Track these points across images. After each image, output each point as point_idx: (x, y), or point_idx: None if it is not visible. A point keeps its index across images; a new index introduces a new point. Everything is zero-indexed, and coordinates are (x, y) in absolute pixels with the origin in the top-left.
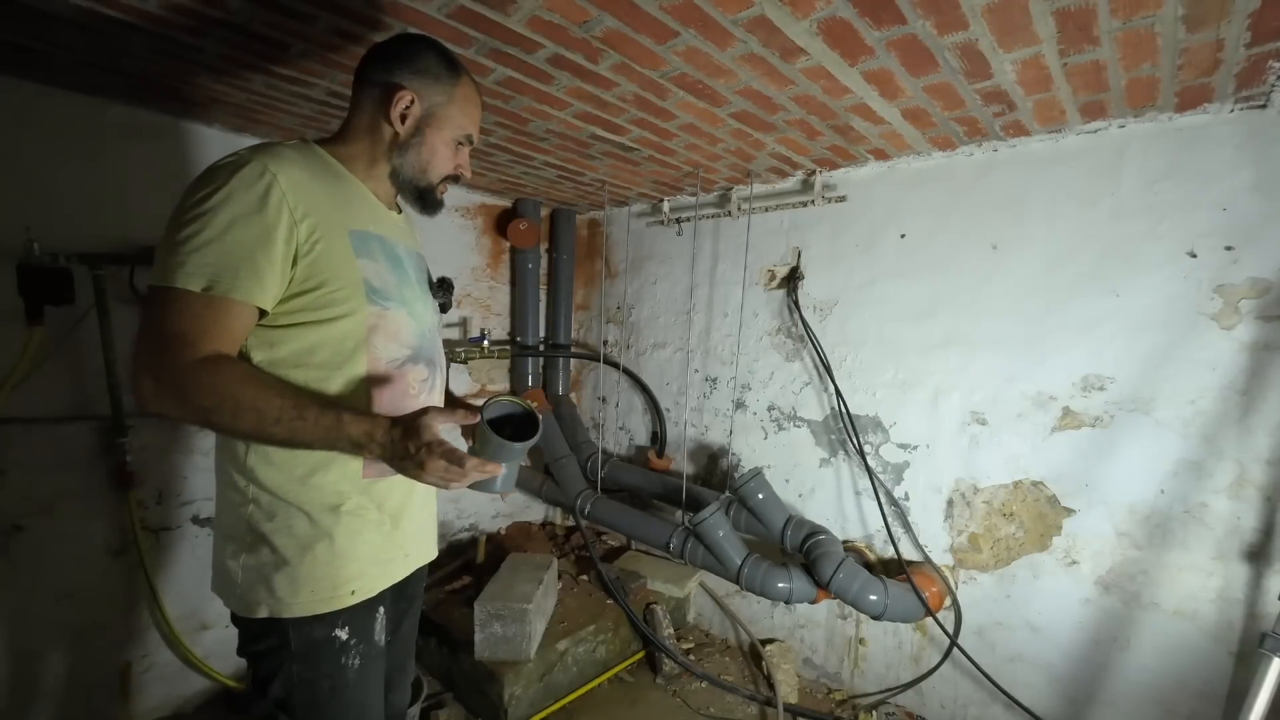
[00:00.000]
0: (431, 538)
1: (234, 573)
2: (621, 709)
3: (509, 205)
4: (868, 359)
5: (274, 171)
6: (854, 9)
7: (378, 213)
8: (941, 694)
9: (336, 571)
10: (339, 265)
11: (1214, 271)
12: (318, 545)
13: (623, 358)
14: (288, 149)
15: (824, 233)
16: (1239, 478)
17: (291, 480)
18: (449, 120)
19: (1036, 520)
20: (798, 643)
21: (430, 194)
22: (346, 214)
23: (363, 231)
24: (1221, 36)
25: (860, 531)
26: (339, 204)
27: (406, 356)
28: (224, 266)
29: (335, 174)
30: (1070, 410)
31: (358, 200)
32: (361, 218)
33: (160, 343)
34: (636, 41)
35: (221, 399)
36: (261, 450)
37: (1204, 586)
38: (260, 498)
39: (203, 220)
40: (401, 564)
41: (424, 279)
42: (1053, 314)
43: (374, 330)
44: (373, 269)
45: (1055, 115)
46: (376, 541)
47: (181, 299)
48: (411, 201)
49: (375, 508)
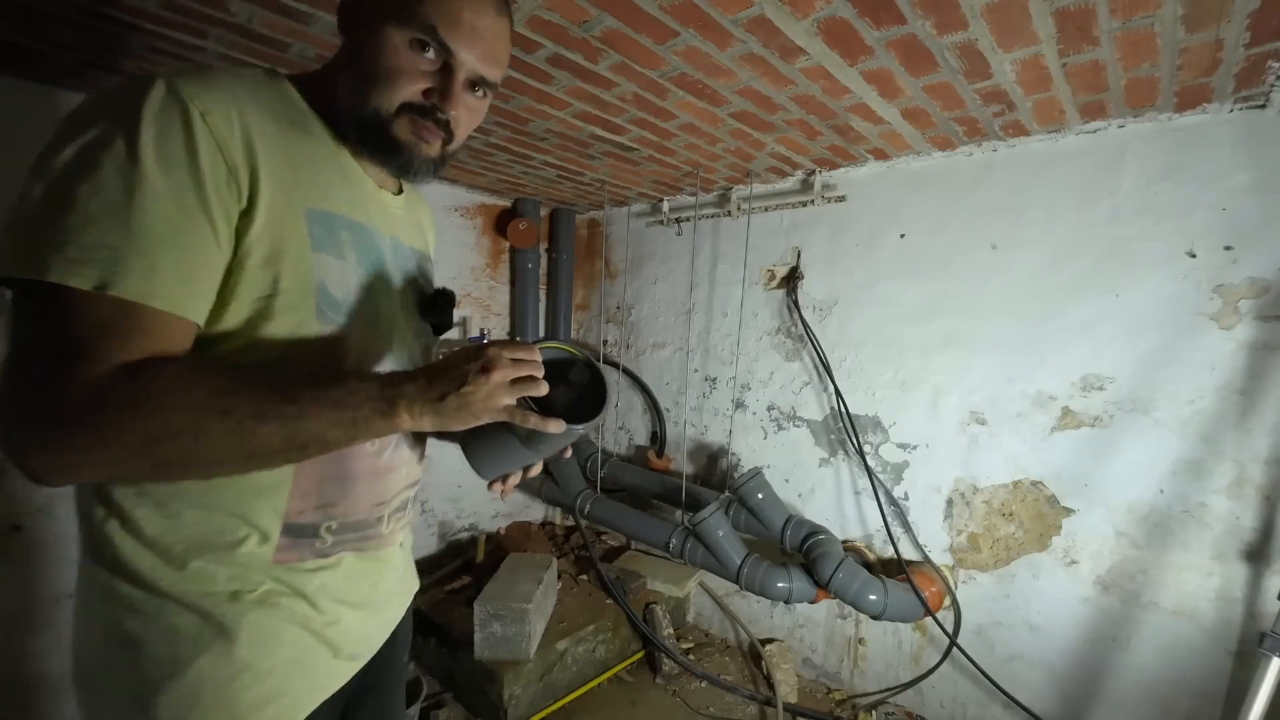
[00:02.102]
0: (405, 599)
1: (95, 690)
2: (621, 709)
3: (508, 205)
4: (867, 359)
5: (200, 108)
6: (854, 9)
7: (357, 188)
8: (941, 693)
9: (237, 695)
10: (285, 260)
11: (1213, 271)
12: (206, 655)
13: (622, 357)
14: (228, 77)
15: (824, 233)
16: (1238, 477)
17: (167, 560)
18: (401, 4)
19: (1036, 520)
20: (797, 642)
21: (378, 128)
22: (306, 184)
23: (327, 213)
24: (1221, 36)
25: (860, 531)
26: (297, 167)
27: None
28: (129, 254)
29: (301, 125)
30: (1070, 410)
31: (327, 166)
32: (331, 193)
33: (38, 370)
34: (636, 41)
35: (171, 415)
36: (130, 515)
37: (1203, 586)
38: (120, 589)
39: (86, 179)
40: (347, 666)
41: (415, 289)
42: (1052, 314)
43: (322, 362)
44: (335, 270)
45: (1055, 115)
46: (304, 645)
47: (64, 301)
48: (363, 149)
49: (301, 597)
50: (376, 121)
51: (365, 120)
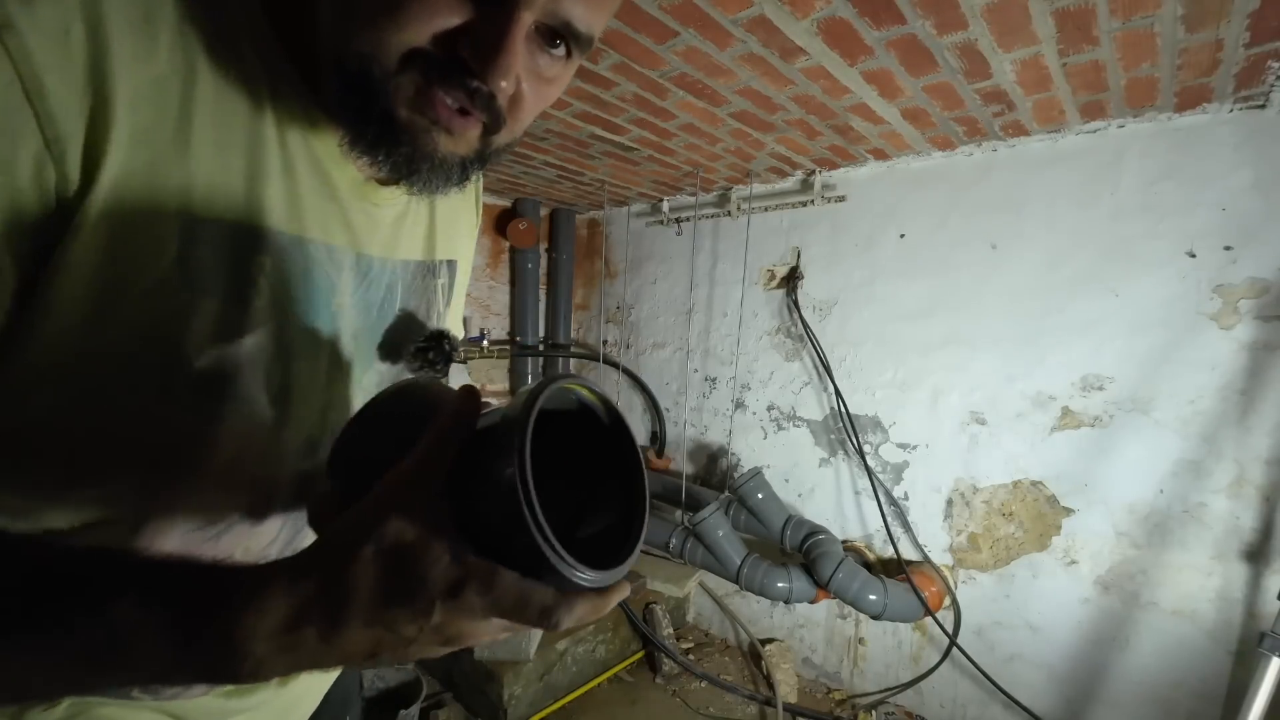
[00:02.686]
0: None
1: None
2: (621, 709)
3: (508, 205)
4: (867, 359)
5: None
6: (854, 9)
7: (315, 177)
8: (941, 693)
9: None
10: (122, 301)
11: (1213, 271)
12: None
13: (622, 357)
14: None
15: (823, 232)
16: (1238, 477)
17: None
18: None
19: (1036, 520)
20: (797, 642)
21: (363, 91)
22: (207, 170)
23: (238, 225)
24: (1221, 36)
25: (860, 531)
26: (199, 136)
27: (239, 514)
28: None
29: (230, 58)
30: (1069, 410)
31: (265, 134)
32: (257, 187)
33: None
34: (636, 41)
35: None
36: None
37: (1203, 586)
38: None
39: None
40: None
41: (397, 333)
42: (1052, 314)
43: (169, 452)
44: (212, 320)
45: (1054, 115)
46: None
47: None
48: (340, 124)
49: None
50: (361, 80)
51: (346, 74)
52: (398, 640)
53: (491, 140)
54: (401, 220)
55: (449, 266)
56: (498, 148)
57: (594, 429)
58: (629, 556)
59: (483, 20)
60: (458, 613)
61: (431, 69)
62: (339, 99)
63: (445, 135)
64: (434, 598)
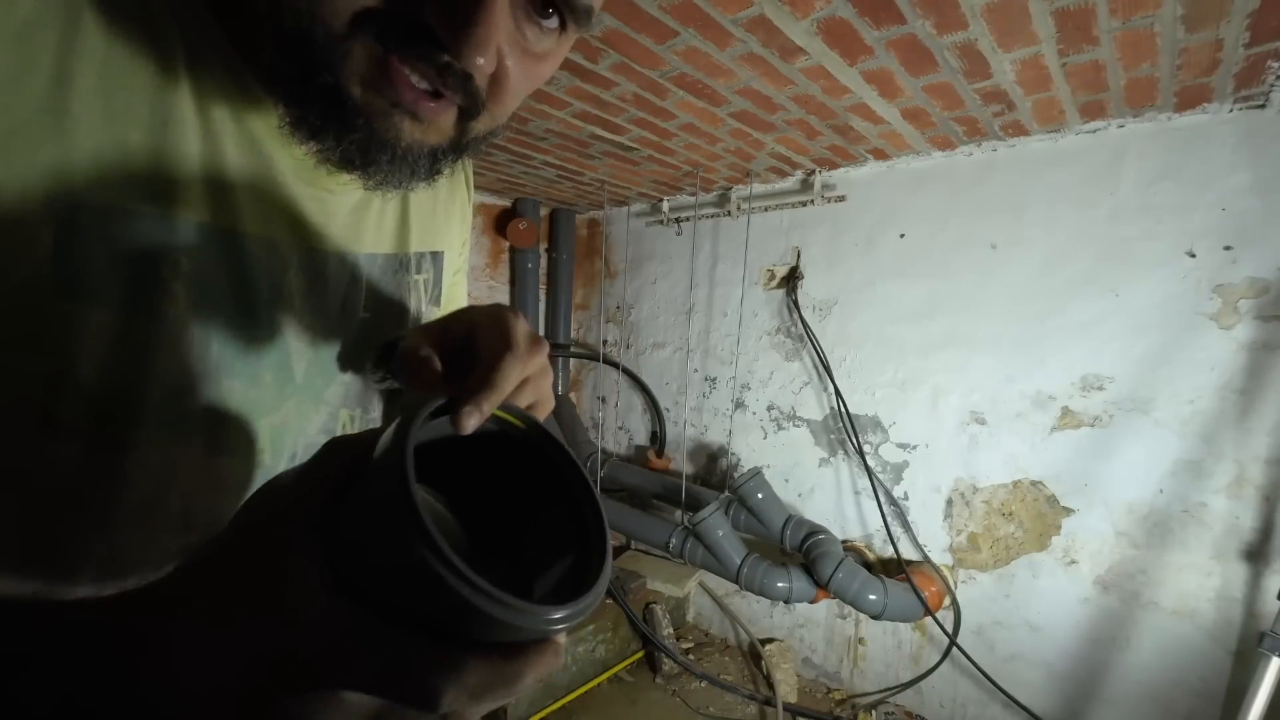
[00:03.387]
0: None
1: None
2: (621, 708)
3: (508, 205)
4: (867, 359)
5: None
6: (853, 9)
7: (245, 153)
8: (941, 693)
9: None
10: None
11: (1213, 271)
12: None
13: (622, 357)
14: None
15: (823, 233)
16: (1237, 477)
17: None
18: None
19: (1035, 520)
20: (797, 642)
21: (307, 64)
22: (88, 139)
23: (128, 213)
24: (1220, 36)
25: (860, 531)
26: (79, 96)
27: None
28: None
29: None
30: (1069, 410)
31: (172, 101)
32: (168, 163)
33: None
34: (636, 41)
35: None
36: None
37: (1202, 586)
38: None
39: None
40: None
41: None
42: (1052, 314)
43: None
44: (107, 332)
45: (1054, 115)
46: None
47: None
48: (282, 99)
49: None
50: (301, 44)
51: (281, 32)
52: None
53: (469, 127)
54: (365, 208)
55: (433, 259)
56: (476, 135)
57: (519, 459)
58: (599, 578)
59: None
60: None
61: (389, 35)
62: (274, 69)
63: (410, 120)
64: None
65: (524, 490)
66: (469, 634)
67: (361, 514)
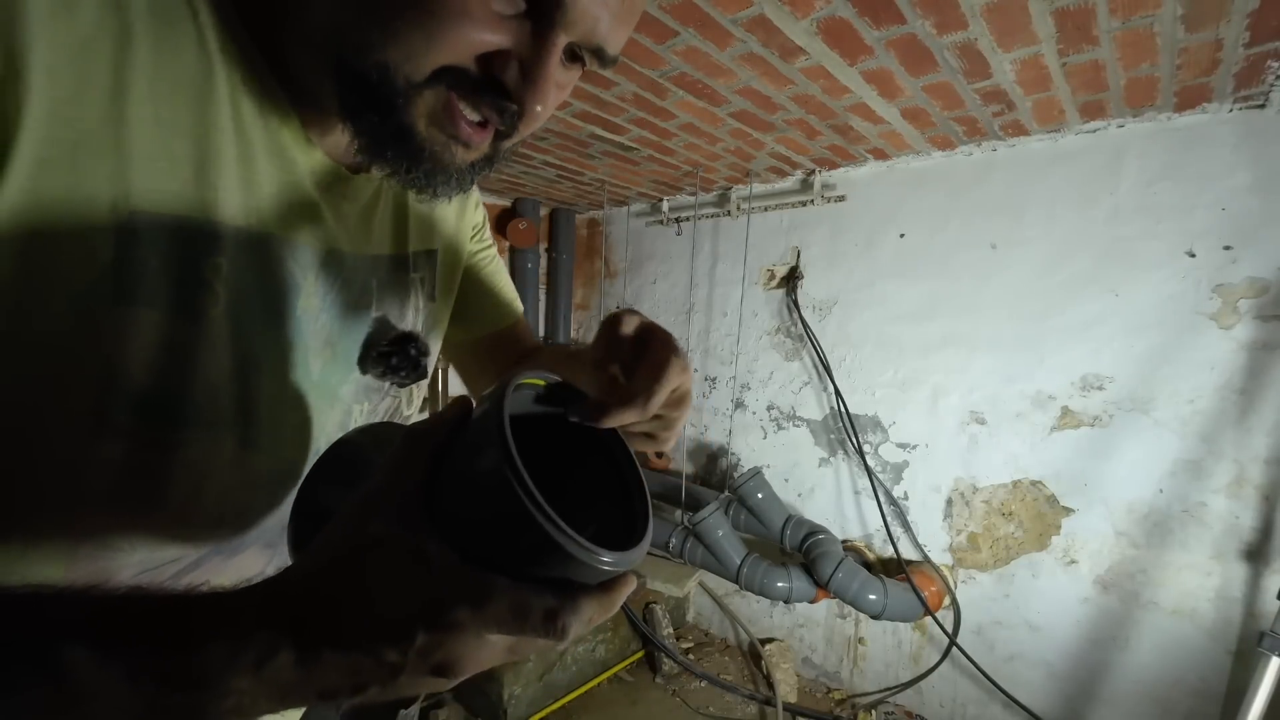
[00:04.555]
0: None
1: None
2: (621, 708)
3: (508, 205)
4: (867, 359)
5: None
6: (853, 9)
7: (272, 159)
8: (940, 693)
9: None
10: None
11: (1212, 271)
12: None
13: None
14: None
15: (823, 232)
16: (1237, 477)
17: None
18: None
19: (1035, 519)
20: (797, 642)
21: (381, 101)
22: (148, 148)
23: (187, 220)
24: (1220, 36)
25: (859, 531)
26: (137, 109)
27: (204, 550)
28: None
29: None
30: (1069, 410)
31: (216, 110)
32: (210, 170)
33: None
34: (636, 41)
35: None
36: None
37: (1202, 585)
38: None
39: None
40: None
41: (365, 334)
42: (1052, 314)
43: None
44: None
45: (1054, 115)
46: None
47: None
48: (355, 132)
49: None
50: (381, 90)
51: (361, 81)
52: (380, 669)
53: (501, 145)
54: (370, 211)
55: (427, 258)
56: (502, 151)
57: (566, 425)
58: (644, 537)
59: (526, 45)
60: (445, 633)
61: (462, 86)
62: (347, 106)
63: (464, 148)
64: (419, 614)
65: (564, 444)
66: (562, 575)
67: (466, 490)
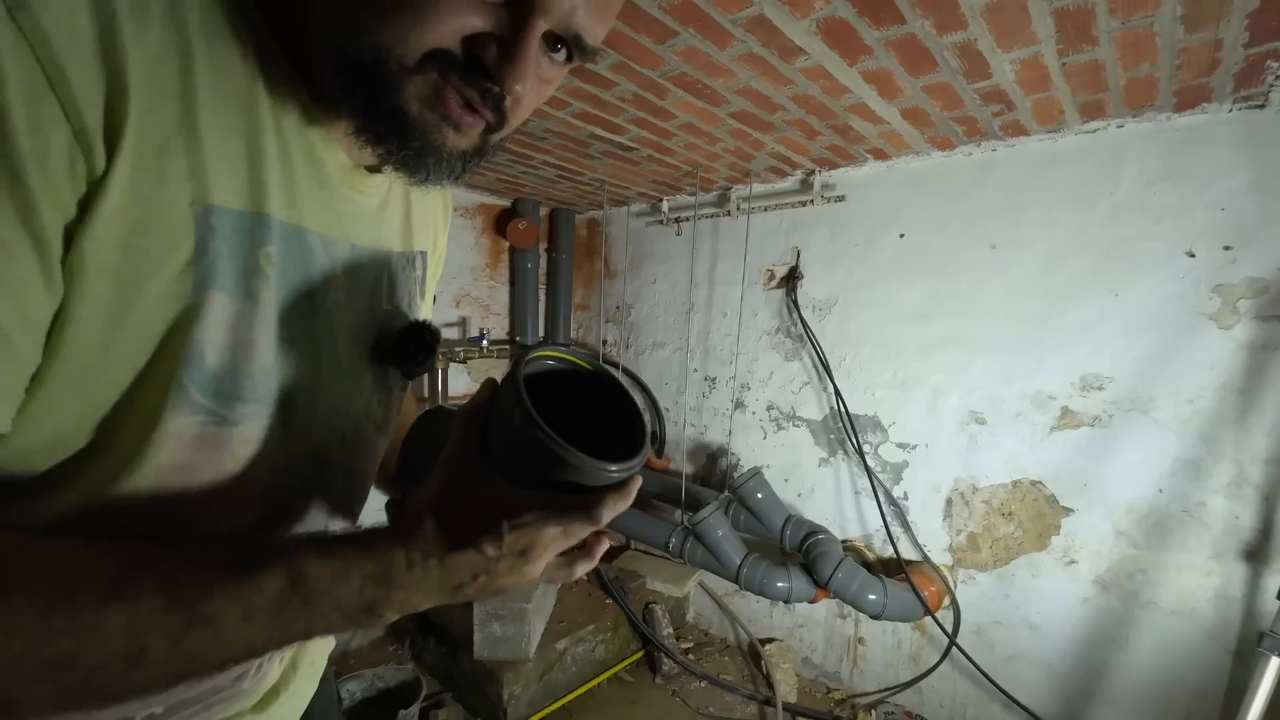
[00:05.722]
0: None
1: None
2: (621, 708)
3: (508, 205)
4: (867, 359)
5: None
6: (853, 9)
7: (304, 162)
8: (940, 693)
9: None
10: (137, 301)
11: (1212, 271)
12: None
13: (622, 357)
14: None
15: (823, 233)
16: (1237, 477)
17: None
18: None
19: (1035, 519)
20: (797, 642)
21: (375, 84)
22: (214, 154)
23: (244, 213)
24: (1220, 36)
25: (859, 531)
26: (202, 120)
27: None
28: None
29: (223, 37)
30: (1069, 410)
31: (259, 118)
32: (259, 172)
33: None
34: (636, 41)
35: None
36: None
37: (1202, 585)
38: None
39: None
40: None
41: (377, 322)
42: (1051, 314)
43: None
44: (226, 319)
45: (1054, 115)
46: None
47: None
48: (344, 112)
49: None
50: (374, 71)
51: (355, 63)
52: (486, 561)
53: (490, 137)
54: (383, 210)
55: (422, 258)
56: (493, 142)
57: (582, 382)
58: (639, 451)
59: (505, 27)
60: (520, 529)
61: (451, 68)
62: (343, 88)
63: (454, 131)
64: (501, 517)
65: (593, 406)
66: (584, 483)
67: (506, 439)
